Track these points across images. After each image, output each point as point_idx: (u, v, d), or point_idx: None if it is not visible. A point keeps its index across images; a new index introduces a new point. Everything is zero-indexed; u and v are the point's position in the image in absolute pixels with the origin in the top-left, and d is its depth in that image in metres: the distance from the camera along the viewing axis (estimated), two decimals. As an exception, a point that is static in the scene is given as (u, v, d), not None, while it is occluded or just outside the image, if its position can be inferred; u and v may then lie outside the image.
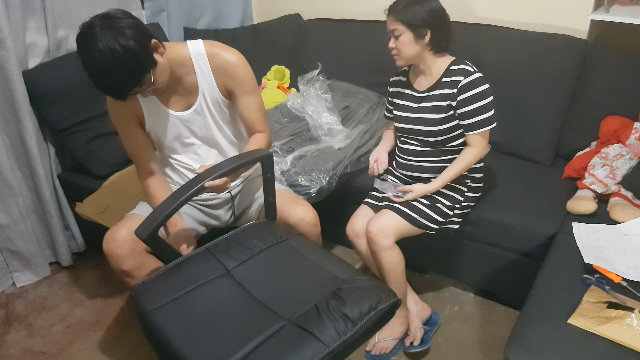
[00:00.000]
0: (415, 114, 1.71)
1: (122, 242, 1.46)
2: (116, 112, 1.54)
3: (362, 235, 1.74)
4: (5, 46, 1.81)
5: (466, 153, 1.65)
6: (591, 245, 1.48)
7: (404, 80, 1.78)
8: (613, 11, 1.91)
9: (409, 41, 1.59)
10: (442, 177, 1.66)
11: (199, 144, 1.62)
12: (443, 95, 1.64)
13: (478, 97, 1.58)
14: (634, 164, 1.74)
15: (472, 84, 1.58)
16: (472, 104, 1.59)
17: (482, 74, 1.60)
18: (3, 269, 2.15)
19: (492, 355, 1.74)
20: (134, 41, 1.26)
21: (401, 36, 1.59)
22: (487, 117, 1.60)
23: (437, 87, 1.65)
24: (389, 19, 1.62)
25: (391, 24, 1.61)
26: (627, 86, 1.89)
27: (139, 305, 1.29)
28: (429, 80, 1.68)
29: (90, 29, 1.25)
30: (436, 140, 1.69)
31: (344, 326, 1.16)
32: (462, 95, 1.59)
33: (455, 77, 1.61)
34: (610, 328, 1.16)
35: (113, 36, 1.24)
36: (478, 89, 1.58)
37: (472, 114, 1.60)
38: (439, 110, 1.65)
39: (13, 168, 2.00)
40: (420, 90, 1.71)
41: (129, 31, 1.26)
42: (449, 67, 1.64)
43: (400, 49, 1.61)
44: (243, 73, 1.52)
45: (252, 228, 1.54)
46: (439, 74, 1.65)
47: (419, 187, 1.66)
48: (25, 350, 1.87)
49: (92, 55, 1.23)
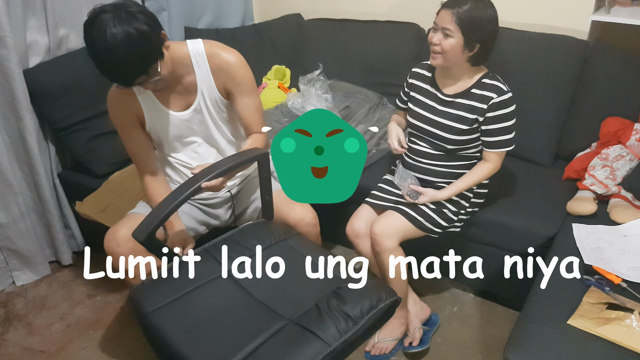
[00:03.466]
0: (437, 117, 1.66)
1: (123, 241, 1.47)
2: (116, 112, 1.54)
3: (362, 236, 1.74)
4: (6, 45, 1.81)
5: (481, 167, 1.64)
6: (591, 246, 1.48)
7: (428, 76, 1.71)
8: (614, 12, 1.91)
9: (458, 47, 1.50)
10: (454, 187, 1.64)
11: (199, 143, 1.62)
12: (471, 107, 1.59)
13: (505, 117, 1.56)
14: (634, 165, 1.74)
15: (503, 103, 1.55)
16: (498, 123, 1.57)
17: (512, 93, 1.57)
18: (3, 267, 2.15)
19: (492, 355, 1.74)
20: (148, 27, 1.27)
21: (452, 38, 1.49)
22: (508, 138, 1.59)
23: (466, 96, 1.61)
24: (444, 12, 1.50)
25: (446, 20, 1.49)
26: (627, 87, 1.89)
27: (138, 306, 1.29)
28: (457, 86, 1.63)
29: (101, 13, 1.24)
30: (452, 148, 1.67)
31: (345, 325, 1.16)
32: (491, 113, 1.56)
33: (487, 92, 1.56)
34: (609, 329, 1.16)
35: (127, 20, 1.23)
36: (507, 109, 1.56)
37: (495, 133, 1.58)
38: (464, 121, 1.61)
39: (13, 167, 2.00)
40: (446, 93, 1.65)
41: (142, 16, 1.27)
42: (481, 79, 1.59)
43: (447, 51, 1.51)
44: (242, 73, 1.52)
45: (250, 228, 1.54)
46: (470, 83, 1.60)
47: (431, 193, 1.64)
48: (25, 349, 1.87)
49: (104, 38, 1.21)
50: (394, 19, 2.37)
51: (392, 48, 2.31)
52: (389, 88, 2.31)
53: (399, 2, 2.43)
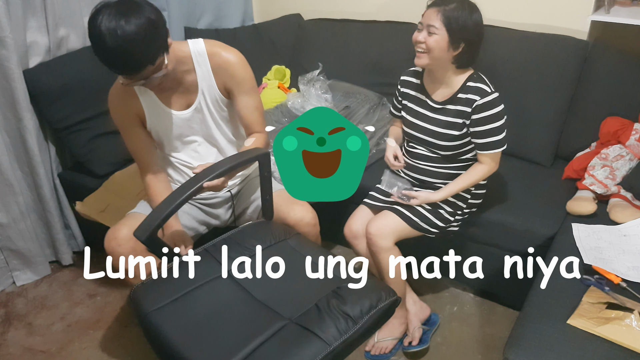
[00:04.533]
0: (429, 125, 1.66)
1: (124, 241, 1.47)
2: (117, 111, 1.54)
3: (359, 236, 1.74)
4: (6, 45, 1.81)
5: (476, 169, 1.63)
6: (591, 246, 1.48)
7: (417, 83, 1.71)
8: (613, 12, 1.91)
9: (443, 43, 1.50)
10: (448, 189, 1.64)
11: (199, 142, 1.62)
12: (458, 112, 1.59)
13: (492, 118, 1.54)
14: (633, 165, 1.74)
15: (487, 105, 1.54)
16: (485, 125, 1.55)
17: (498, 94, 1.55)
18: (3, 267, 2.15)
19: (492, 355, 1.74)
20: (155, 16, 1.28)
21: (437, 36, 1.49)
22: (499, 139, 1.57)
23: (453, 101, 1.60)
24: (430, 10, 1.51)
25: (431, 17, 1.50)
26: (627, 87, 1.89)
27: (138, 306, 1.29)
28: (445, 92, 1.62)
29: (106, 7, 1.24)
30: (447, 154, 1.67)
31: (345, 325, 1.17)
32: (476, 115, 1.55)
33: (471, 95, 1.56)
34: (609, 329, 1.16)
35: (136, 9, 1.24)
36: (493, 110, 1.54)
37: (484, 135, 1.57)
38: (454, 127, 1.61)
39: (13, 167, 2.00)
40: (436, 100, 1.65)
41: (149, 7, 1.28)
42: (466, 82, 1.58)
43: (432, 48, 1.51)
44: (242, 73, 1.52)
45: (250, 228, 1.54)
46: (457, 87, 1.59)
47: (424, 195, 1.64)
48: (25, 349, 1.87)
49: (112, 25, 1.21)
50: (393, 19, 2.38)
51: (392, 48, 2.31)
52: (389, 88, 2.30)
53: (399, 3, 2.43)
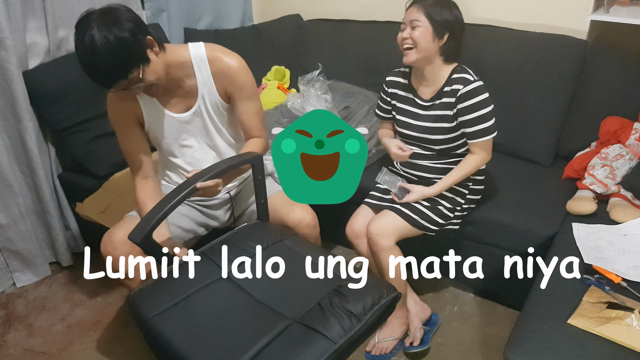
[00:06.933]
0: (420, 122, 1.68)
1: (120, 244, 1.46)
2: (116, 112, 1.54)
3: (361, 236, 1.74)
4: (6, 46, 1.81)
5: (468, 160, 1.64)
6: (591, 245, 1.48)
7: (405, 83, 1.74)
8: (613, 12, 1.91)
9: (428, 34, 1.55)
10: (443, 182, 1.65)
11: (197, 147, 1.62)
12: (446, 104, 1.62)
13: (477, 106, 1.56)
14: (633, 164, 1.74)
15: (471, 93, 1.55)
16: (471, 113, 1.57)
17: (482, 82, 1.57)
18: (3, 269, 2.15)
19: (492, 355, 1.74)
20: (129, 33, 1.27)
21: (421, 28, 1.54)
22: (487, 126, 1.57)
23: (440, 96, 1.63)
24: (412, 9, 1.57)
25: (413, 14, 1.56)
26: (627, 87, 1.90)
27: (138, 312, 1.27)
28: (432, 88, 1.66)
29: (87, 15, 1.27)
30: (441, 148, 1.68)
31: (349, 322, 1.17)
32: (461, 104, 1.57)
33: (455, 86, 1.59)
34: (610, 328, 1.16)
35: (108, 25, 1.25)
36: (477, 98, 1.55)
37: (471, 123, 1.58)
38: (444, 120, 1.63)
39: (13, 168, 2.00)
40: (425, 98, 1.68)
41: (127, 24, 1.27)
42: (450, 75, 1.61)
43: (418, 41, 1.55)
44: (243, 78, 1.52)
45: (247, 230, 1.54)
46: (442, 82, 1.63)
47: (420, 190, 1.65)
48: (25, 350, 1.87)
49: (84, 40, 1.24)
50: (393, 19, 2.38)
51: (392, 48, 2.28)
52: (389, 88, 2.31)
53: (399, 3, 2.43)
